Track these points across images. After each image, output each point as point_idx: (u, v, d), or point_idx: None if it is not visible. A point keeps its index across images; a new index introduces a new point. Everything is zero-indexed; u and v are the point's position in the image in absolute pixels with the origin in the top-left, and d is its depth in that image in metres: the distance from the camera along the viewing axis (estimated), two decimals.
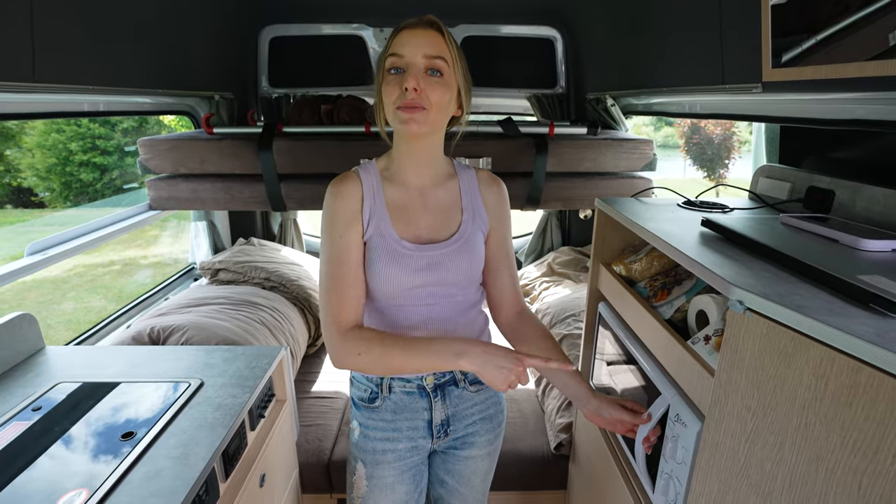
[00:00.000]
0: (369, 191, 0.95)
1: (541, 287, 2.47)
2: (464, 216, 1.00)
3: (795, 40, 0.94)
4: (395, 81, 0.87)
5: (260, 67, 2.37)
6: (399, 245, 0.94)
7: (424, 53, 0.86)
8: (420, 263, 0.94)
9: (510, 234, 1.07)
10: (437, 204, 0.99)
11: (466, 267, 0.98)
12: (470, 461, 1.11)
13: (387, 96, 0.88)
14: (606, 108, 2.06)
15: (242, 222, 2.66)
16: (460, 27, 2.32)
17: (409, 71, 0.86)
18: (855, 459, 0.55)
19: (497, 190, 1.05)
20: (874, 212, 0.96)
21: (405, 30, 0.88)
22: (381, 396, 1.02)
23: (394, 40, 0.88)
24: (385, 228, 0.94)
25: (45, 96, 1.34)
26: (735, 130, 11.22)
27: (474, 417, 1.07)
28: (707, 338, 0.86)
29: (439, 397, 1.03)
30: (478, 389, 1.06)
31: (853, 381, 0.54)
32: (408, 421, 1.03)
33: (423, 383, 1.01)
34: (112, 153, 8.94)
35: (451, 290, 0.98)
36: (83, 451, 0.93)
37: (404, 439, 1.03)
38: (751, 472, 0.70)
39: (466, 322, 1.03)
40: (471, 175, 1.04)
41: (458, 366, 0.85)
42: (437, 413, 1.03)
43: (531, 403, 1.93)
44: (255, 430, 1.21)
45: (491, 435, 1.10)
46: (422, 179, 0.98)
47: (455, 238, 0.98)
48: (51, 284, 6.30)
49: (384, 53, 0.90)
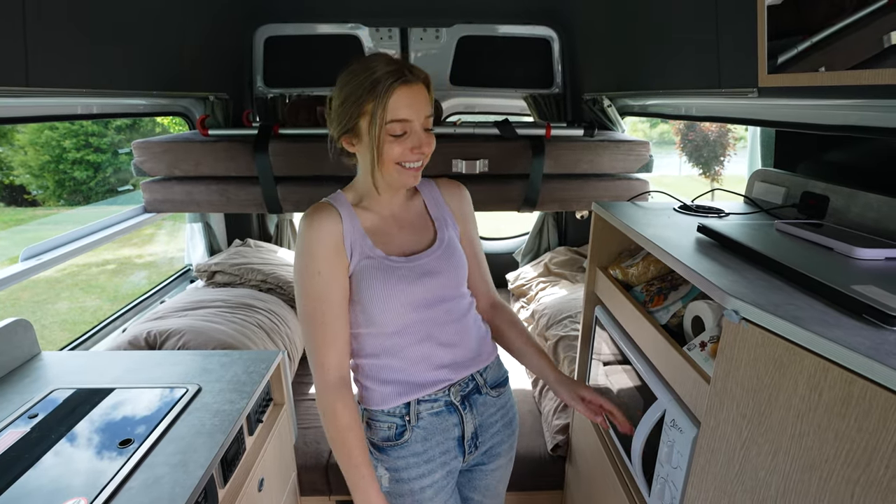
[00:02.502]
0: (348, 221, 0.93)
1: (537, 287, 2.48)
2: (436, 224, 1.02)
3: (791, 42, 0.94)
4: (400, 143, 0.88)
5: (255, 67, 2.35)
6: (389, 261, 0.93)
7: (426, 115, 0.89)
8: (414, 273, 0.94)
9: (477, 232, 1.11)
10: (409, 222, 1.00)
11: (455, 269, 0.98)
12: (496, 472, 1.10)
13: (389, 155, 0.88)
14: (603, 108, 2.06)
15: (238, 223, 2.65)
16: (456, 27, 2.31)
17: (414, 136, 0.88)
18: (848, 469, 0.56)
19: (459, 193, 1.08)
20: (868, 218, 0.97)
21: (403, 87, 0.85)
22: (409, 428, 0.96)
23: (392, 99, 0.84)
24: (370, 250, 0.93)
25: (38, 100, 1.33)
26: (731, 128, 11.25)
27: (497, 426, 1.06)
28: (703, 344, 0.87)
29: (468, 408, 1.00)
30: (499, 394, 1.06)
31: (847, 393, 0.55)
32: (440, 445, 0.98)
33: (451, 397, 0.98)
34: (106, 151, 8.87)
35: (449, 293, 0.98)
36: (81, 460, 0.93)
37: (438, 468, 0.98)
38: (745, 479, 0.70)
39: (472, 324, 1.02)
40: (431, 186, 1.06)
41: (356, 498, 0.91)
42: (468, 426, 1.00)
43: (528, 404, 1.94)
44: (253, 435, 1.21)
45: (512, 440, 1.11)
46: (393, 205, 1.00)
47: (436, 245, 0.99)
48: (45, 284, 6.26)
49: (378, 108, 0.84)
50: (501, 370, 1.09)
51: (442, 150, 1.71)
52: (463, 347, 0.99)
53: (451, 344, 0.98)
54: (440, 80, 2.42)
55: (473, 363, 1.01)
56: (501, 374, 1.08)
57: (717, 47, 1.21)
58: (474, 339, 1.02)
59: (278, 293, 2.22)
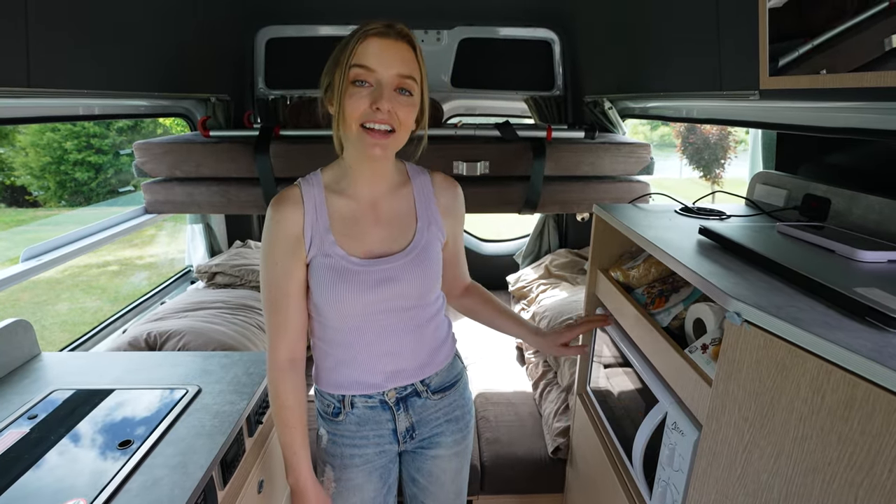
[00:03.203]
0: (311, 210, 0.90)
1: (538, 289, 2.47)
2: (419, 224, 0.96)
3: (792, 44, 0.94)
4: (361, 95, 0.81)
5: (256, 69, 2.36)
6: (347, 262, 0.89)
7: (398, 72, 0.82)
8: (371, 279, 0.90)
9: (462, 234, 1.11)
10: (390, 215, 0.94)
11: (421, 279, 0.94)
12: (438, 460, 1.10)
13: (350, 109, 0.82)
14: (604, 111, 2.06)
15: (239, 225, 2.65)
16: (458, 29, 2.32)
17: (379, 89, 0.81)
18: (851, 473, 0.55)
19: (453, 191, 1.02)
20: (870, 220, 0.97)
21: (374, 37, 0.81)
22: (343, 412, 1.00)
23: (360, 46, 0.80)
24: (329, 247, 0.89)
25: (40, 101, 1.33)
26: (731, 130, 11.26)
27: (439, 420, 1.06)
28: (704, 346, 0.86)
29: (402, 409, 1.01)
30: (441, 397, 1.04)
31: (849, 396, 0.55)
32: (373, 430, 1.01)
33: (385, 398, 0.99)
34: (107, 152, 8.88)
35: (408, 302, 0.95)
36: (80, 460, 0.93)
37: (371, 445, 1.02)
38: (748, 482, 0.70)
39: (429, 334, 1.01)
40: (425, 180, 1.00)
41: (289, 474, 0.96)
42: (400, 423, 1.02)
43: (528, 407, 1.94)
44: (252, 437, 1.20)
45: (458, 435, 1.09)
46: (375, 192, 0.94)
47: (409, 249, 0.94)
48: (45, 285, 6.26)
49: (346, 56, 0.81)
50: (452, 373, 1.06)
51: (443, 152, 1.71)
52: (409, 358, 0.98)
53: (395, 353, 0.96)
54: (441, 83, 2.42)
55: (416, 373, 1.00)
56: (451, 377, 1.06)
57: (718, 49, 1.21)
58: (426, 350, 1.00)
59: None
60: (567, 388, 1.79)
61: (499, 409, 1.91)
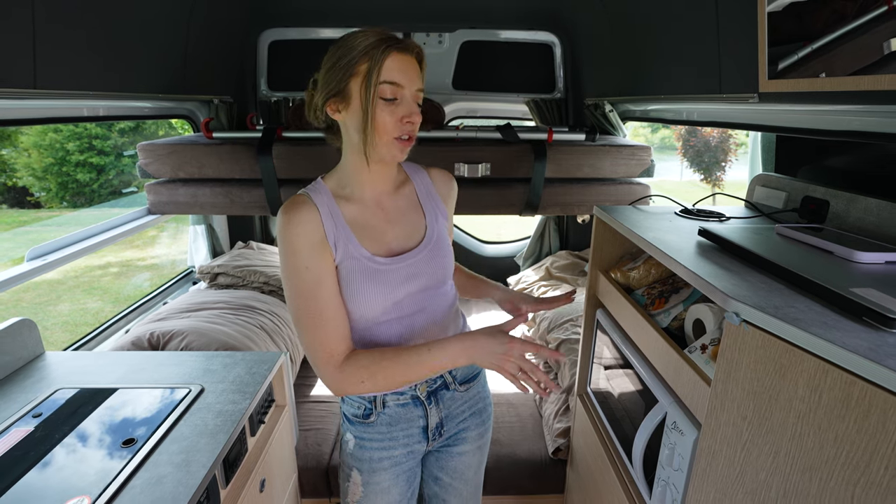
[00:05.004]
0: (327, 213, 0.89)
1: (539, 291, 2.48)
2: (427, 217, 1.00)
3: (791, 48, 0.95)
4: (393, 111, 0.85)
5: (259, 71, 2.37)
6: (373, 262, 0.91)
7: (418, 87, 0.88)
8: (399, 276, 0.92)
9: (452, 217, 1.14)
10: (398, 213, 0.97)
11: (440, 269, 0.98)
12: (463, 456, 1.13)
13: (383, 123, 0.85)
14: (605, 113, 2.07)
15: (241, 226, 2.66)
16: (459, 32, 2.33)
17: (406, 104, 0.86)
18: (848, 471, 0.56)
19: (451, 184, 1.07)
20: (868, 222, 0.97)
21: (397, 53, 0.84)
22: (375, 412, 1.01)
23: (388, 61, 0.83)
24: (354, 249, 0.90)
25: (45, 102, 1.34)
26: (731, 133, 11.26)
27: (465, 414, 1.09)
28: (704, 347, 0.87)
29: (433, 403, 1.04)
30: (467, 388, 1.08)
31: (846, 394, 0.55)
32: (403, 430, 1.03)
33: (417, 393, 1.02)
34: (109, 153, 8.91)
35: (430, 293, 0.98)
36: (84, 458, 0.94)
37: (400, 447, 1.04)
38: (746, 481, 0.71)
39: (450, 323, 1.04)
40: (423, 174, 1.04)
41: (458, 365, 0.88)
42: (432, 419, 1.04)
43: (529, 408, 1.94)
44: (255, 436, 1.21)
45: (481, 428, 1.13)
46: (379, 193, 0.96)
47: (425, 242, 0.97)
48: (47, 286, 6.27)
49: (375, 71, 0.83)
50: (473, 365, 1.07)
51: (444, 154, 1.72)
52: None
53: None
54: (443, 85, 2.43)
55: None
56: (473, 368, 1.09)
57: (718, 53, 1.22)
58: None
59: (280, 295, 2.23)
60: (567, 389, 1.80)
61: (499, 411, 1.92)
